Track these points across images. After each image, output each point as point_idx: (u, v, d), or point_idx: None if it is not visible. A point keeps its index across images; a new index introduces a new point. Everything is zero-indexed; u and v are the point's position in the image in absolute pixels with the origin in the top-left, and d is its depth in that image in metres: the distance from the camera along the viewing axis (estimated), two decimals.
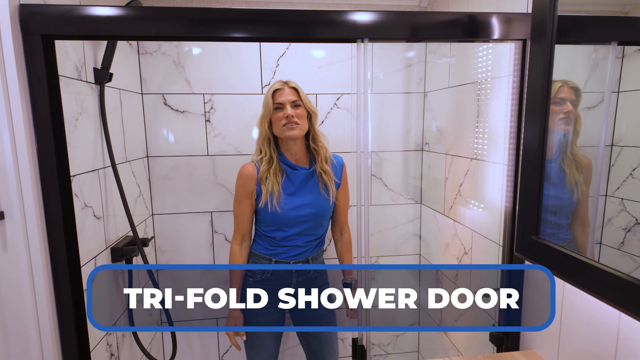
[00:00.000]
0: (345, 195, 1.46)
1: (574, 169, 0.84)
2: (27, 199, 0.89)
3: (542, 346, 1.05)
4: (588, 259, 0.72)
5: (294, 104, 1.30)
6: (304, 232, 1.36)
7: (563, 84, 0.84)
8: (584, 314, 0.90)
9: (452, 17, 1.01)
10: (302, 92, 1.32)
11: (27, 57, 0.87)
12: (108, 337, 1.28)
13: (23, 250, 0.90)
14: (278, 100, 1.30)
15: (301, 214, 1.34)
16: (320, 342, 1.47)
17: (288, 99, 1.29)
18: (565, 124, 0.84)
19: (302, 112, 1.31)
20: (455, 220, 1.61)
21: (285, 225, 1.35)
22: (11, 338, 0.93)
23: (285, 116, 1.28)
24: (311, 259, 1.40)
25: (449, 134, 1.68)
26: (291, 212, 1.33)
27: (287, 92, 1.30)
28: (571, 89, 0.84)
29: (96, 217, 1.23)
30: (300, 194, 1.34)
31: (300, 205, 1.34)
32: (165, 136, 1.75)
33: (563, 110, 0.83)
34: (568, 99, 0.83)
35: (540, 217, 0.84)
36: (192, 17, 0.94)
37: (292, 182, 1.35)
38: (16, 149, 0.87)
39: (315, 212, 1.35)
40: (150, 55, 1.68)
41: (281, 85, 1.31)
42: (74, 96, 1.12)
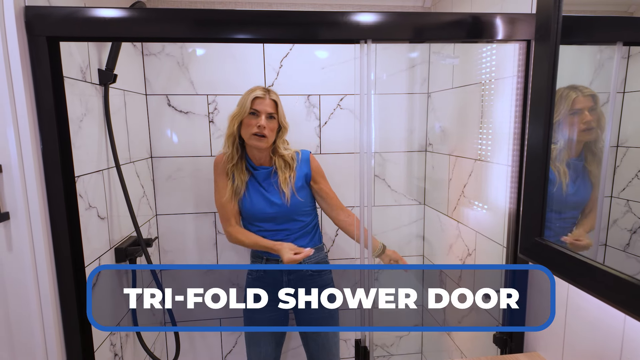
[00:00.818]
0: (324, 184, 1.47)
1: (596, 168, 0.83)
2: (32, 199, 0.90)
3: (546, 348, 1.05)
4: (592, 260, 0.71)
5: (269, 115, 1.32)
6: (276, 228, 1.38)
7: (577, 94, 0.83)
8: (589, 315, 0.90)
9: (455, 17, 1.01)
10: (280, 106, 1.35)
11: (32, 59, 0.88)
12: (112, 337, 1.28)
13: (28, 250, 0.91)
14: (256, 107, 1.31)
15: (267, 211, 1.37)
16: (319, 345, 1.47)
17: (265, 109, 1.31)
18: (587, 134, 0.84)
19: (274, 125, 1.34)
20: (458, 222, 1.60)
21: (255, 220, 1.39)
22: (16, 337, 0.94)
23: (257, 125, 1.30)
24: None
25: (453, 134, 1.67)
26: (257, 208, 1.37)
27: (267, 102, 1.32)
28: (587, 97, 0.83)
29: (100, 217, 1.24)
30: (270, 191, 1.37)
31: (265, 203, 1.37)
32: (169, 137, 1.76)
33: (582, 120, 0.83)
34: (585, 107, 0.83)
35: (544, 219, 0.83)
36: (196, 19, 0.94)
37: (258, 180, 1.39)
38: (21, 150, 0.88)
39: (280, 210, 1.38)
40: (154, 57, 1.68)
41: (263, 94, 1.32)
42: (78, 97, 1.13)
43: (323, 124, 1.81)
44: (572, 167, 0.85)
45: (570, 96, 0.82)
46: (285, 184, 1.37)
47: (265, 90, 1.34)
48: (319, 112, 1.80)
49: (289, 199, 1.37)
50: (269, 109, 1.32)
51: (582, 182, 0.86)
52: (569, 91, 0.82)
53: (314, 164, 1.45)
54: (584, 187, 0.85)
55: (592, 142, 0.83)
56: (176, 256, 1.84)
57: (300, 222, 1.41)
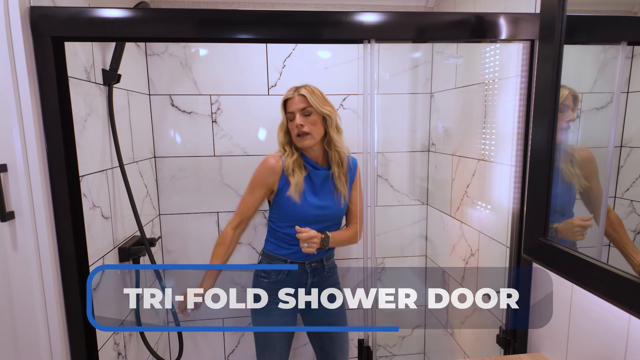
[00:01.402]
0: (355, 195, 1.46)
1: (568, 163, 0.83)
2: (36, 199, 0.90)
3: (551, 348, 1.04)
4: (597, 260, 0.71)
5: (303, 112, 1.30)
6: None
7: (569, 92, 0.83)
8: (593, 316, 0.89)
9: (459, 17, 1.01)
10: (312, 97, 1.30)
11: (37, 59, 0.89)
12: (115, 337, 1.29)
13: (33, 249, 0.91)
14: (289, 110, 1.31)
15: (321, 213, 1.36)
16: (333, 341, 1.48)
17: (297, 107, 1.30)
18: (565, 131, 0.84)
19: (313, 119, 1.30)
20: (462, 222, 1.60)
21: (303, 222, 1.34)
22: (20, 335, 0.95)
23: (296, 126, 1.29)
24: (325, 258, 1.42)
25: (456, 134, 1.67)
26: (312, 209, 1.34)
27: (296, 100, 1.30)
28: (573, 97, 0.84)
29: (104, 217, 1.25)
30: (320, 195, 1.36)
31: (320, 206, 1.36)
32: (172, 137, 1.76)
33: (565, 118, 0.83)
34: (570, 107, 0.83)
35: (548, 219, 0.83)
36: (199, 19, 0.95)
37: (313, 181, 1.37)
38: (26, 149, 0.88)
39: (332, 214, 1.38)
40: (157, 57, 1.69)
41: (291, 94, 1.32)
42: (82, 97, 1.14)
43: None
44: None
45: (564, 91, 0.82)
46: (342, 185, 1.37)
47: (294, 88, 1.32)
48: None
49: (343, 202, 1.38)
50: (301, 105, 1.29)
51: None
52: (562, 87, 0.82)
53: (358, 173, 1.46)
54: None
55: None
56: (179, 256, 1.84)
57: (338, 226, 1.43)
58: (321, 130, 1.33)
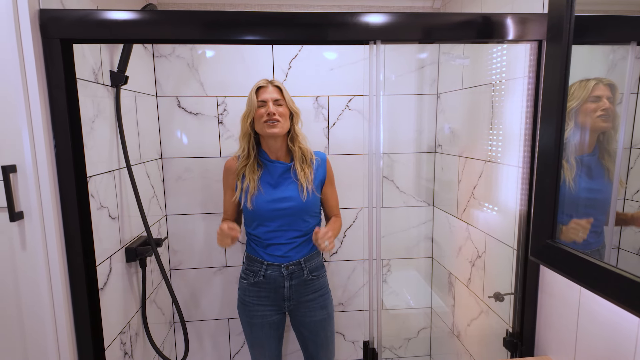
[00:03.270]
0: (333, 190, 1.48)
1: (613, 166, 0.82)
2: (45, 199, 0.91)
3: (558, 352, 1.03)
4: (606, 263, 0.70)
5: (276, 102, 1.33)
6: (285, 226, 1.37)
7: (598, 82, 0.82)
8: (601, 319, 0.88)
9: (466, 18, 1.01)
10: (285, 92, 1.36)
11: (46, 61, 0.90)
12: (122, 336, 1.30)
13: (41, 249, 0.92)
14: (261, 98, 1.33)
15: (280, 207, 1.35)
16: (317, 344, 1.47)
17: (271, 96, 1.33)
18: (603, 122, 0.82)
19: (284, 110, 1.34)
20: (468, 223, 1.59)
21: (265, 219, 1.36)
22: (28, 334, 0.96)
23: (267, 113, 1.30)
24: (303, 261, 1.39)
25: (462, 135, 1.66)
26: (269, 204, 1.34)
27: (270, 90, 1.34)
28: (606, 85, 0.82)
29: (111, 217, 1.26)
30: (281, 187, 1.36)
31: (280, 198, 1.35)
32: (179, 138, 1.77)
33: (600, 107, 0.81)
34: (604, 96, 0.81)
35: (556, 221, 0.82)
36: (206, 20, 0.95)
37: (272, 174, 1.38)
38: (35, 150, 0.90)
39: (295, 206, 1.35)
40: (164, 58, 1.70)
41: (265, 83, 1.35)
42: (90, 98, 1.15)
43: (331, 125, 1.82)
44: (585, 164, 0.84)
45: (590, 83, 0.80)
46: (305, 178, 1.36)
47: (267, 80, 1.37)
48: (327, 113, 1.81)
49: (305, 195, 1.35)
50: (275, 95, 1.33)
51: (599, 180, 0.84)
52: (587, 80, 0.81)
53: (329, 168, 1.46)
54: (599, 185, 0.84)
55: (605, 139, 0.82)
56: (185, 256, 1.85)
57: (309, 224, 1.40)
58: (287, 124, 1.36)
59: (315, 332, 1.45)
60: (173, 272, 1.86)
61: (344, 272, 1.94)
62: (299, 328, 1.47)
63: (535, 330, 1.12)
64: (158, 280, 1.69)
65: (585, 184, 0.85)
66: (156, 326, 1.64)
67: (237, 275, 1.86)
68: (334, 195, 1.48)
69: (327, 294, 1.46)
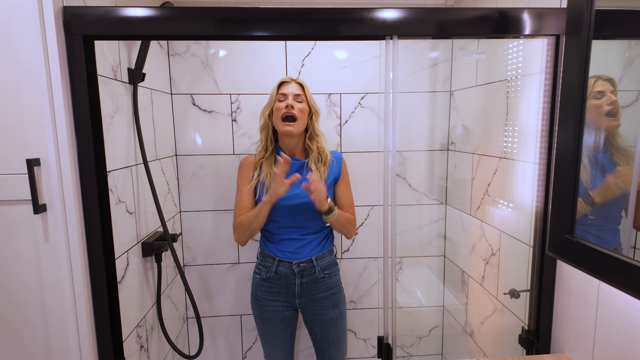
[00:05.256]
0: (346, 189, 1.46)
1: (624, 162, 0.81)
2: (67, 192, 0.93)
3: (575, 349, 1.02)
4: (628, 258, 0.69)
5: (296, 98, 1.34)
6: (298, 223, 1.37)
7: (597, 78, 0.82)
8: (621, 316, 0.87)
9: (482, 12, 1.00)
10: (307, 90, 1.38)
11: (69, 57, 0.92)
12: (138, 329, 1.32)
13: (63, 241, 0.94)
14: (282, 91, 1.35)
15: (294, 203, 1.35)
16: (328, 342, 1.47)
17: (292, 91, 1.35)
18: (613, 116, 0.82)
19: (303, 107, 1.35)
20: (482, 221, 1.58)
21: (277, 215, 1.36)
22: (50, 324, 0.98)
23: (286, 105, 1.32)
24: (315, 258, 1.40)
25: (476, 133, 1.65)
26: (282, 200, 1.33)
27: (292, 86, 1.36)
28: (606, 81, 0.82)
29: (129, 212, 1.28)
30: (294, 184, 1.31)
31: (292, 195, 1.35)
32: (193, 136, 1.79)
33: (607, 102, 0.81)
34: (607, 90, 0.81)
35: (575, 215, 0.81)
36: (222, 17, 0.96)
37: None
38: (58, 145, 0.92)
39: (306, 203, 1.33)
40: (179, 57, 1.72)
41: (288, 79, 1.38)
42: (110, 95, 1.17)
43: (344, 123, 1.82)
44: (600, 162, 0.83)
45: (590, 80, 0.80)
46: (319, 177, 1.36)
47: (291, 78, 1.39)
48: (340, 110, 1.81)
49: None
50: (296, 91, 1.35)
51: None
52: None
53: (344, 167, 1.46)
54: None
55: (611, 135, 0.81)
56: (199, 252, 1.87)
57: (320, 222, 1.40)
58: (305, 122, 1.37)
59: (326, 330, 1.45)
60: (187, 268, 1.88)
61: (355, 270, 1.95)
62: (311, 325, 1.48)
63: (552, 327, 1.11)
64: (172, 276, 1.71)
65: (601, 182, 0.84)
66: (170, 321, 1.66)
67: (250, 271, 1.88)
68: (347, 194, 1.46)
69: (339, 293, 1.46)
